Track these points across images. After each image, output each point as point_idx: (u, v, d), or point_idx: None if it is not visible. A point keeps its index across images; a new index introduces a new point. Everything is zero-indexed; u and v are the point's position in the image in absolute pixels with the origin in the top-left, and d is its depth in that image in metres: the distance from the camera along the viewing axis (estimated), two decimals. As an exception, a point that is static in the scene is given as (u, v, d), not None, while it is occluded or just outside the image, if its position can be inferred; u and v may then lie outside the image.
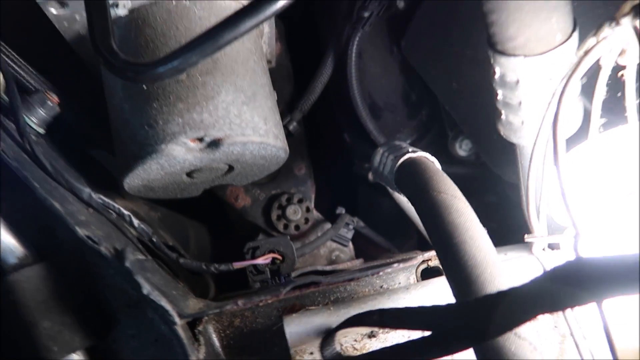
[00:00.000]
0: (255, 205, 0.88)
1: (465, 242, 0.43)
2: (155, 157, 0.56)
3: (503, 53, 0.45)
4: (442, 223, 0.45)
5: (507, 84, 0.48)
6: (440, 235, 0.45)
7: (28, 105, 0.52)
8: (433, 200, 0.48)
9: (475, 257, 0.42)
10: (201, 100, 0.57)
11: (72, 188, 0.47)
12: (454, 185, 0.50)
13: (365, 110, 0.89)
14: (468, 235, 0.43)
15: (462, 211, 0.46)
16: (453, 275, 0.42)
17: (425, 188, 0.49)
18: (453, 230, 0.44)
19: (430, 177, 0.51)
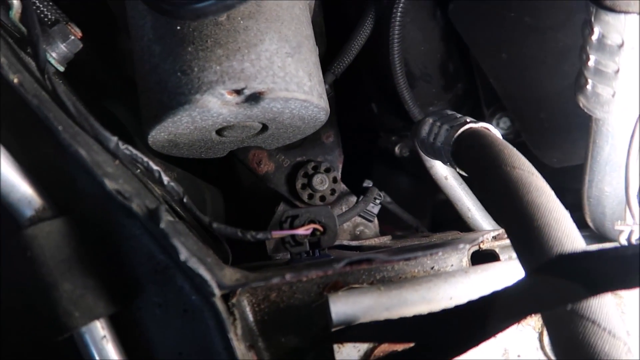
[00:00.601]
0: (278, 172, 0.82)
1: (549, 226, 0.38)
2: (188, 108, 0.50)
3: (611, 9, 0.39)
4: (520, 203, 0.40)
5: (607, 47, 0.42)
6: (518, 216, 0.39)
7: (48, 37, 0.45)
8: (507, 176, 0.42)
9: (562, 242, 0.37)
10: (242, 46, 0.50)
11: (98, 135, 0.41)
12: (527, 161, 0.44)
13: (403, 78, 0.83)
14: (552, 217, 0.38)
15: (543, 190, 0.40)
16: (532, 261, 0.37)
17: (496, 162, 0.44)
18: (534, 212, 0.39)
19: (501, 151, 0.45)
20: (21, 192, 0.38)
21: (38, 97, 0.37)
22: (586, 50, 0.44)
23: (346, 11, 0.93)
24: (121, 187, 0.40)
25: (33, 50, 0.41)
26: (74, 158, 0.38)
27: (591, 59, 0.44)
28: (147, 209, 0.39)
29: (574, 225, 0.38)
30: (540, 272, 0.35)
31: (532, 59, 0.73)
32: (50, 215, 0.39)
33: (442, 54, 0.90)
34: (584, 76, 0.46)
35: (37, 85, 0.41)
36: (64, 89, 0.41)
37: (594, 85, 0.45)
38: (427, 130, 0.60)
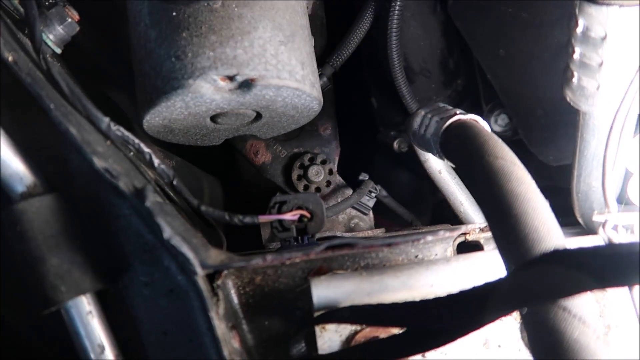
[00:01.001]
0: (275, 163, 0.83)
1: (526, 214, 0.38)
2: (181, 92, 0.51)
3: (593, 1, 0.40)
4: (499, 191, 0.40)
5: (590, 40, 0.42)
6: (497, 205, 0.40)
7: (45, 19, 0.46)
8: (489, 166, 0.43)
9: (538, 230, 0.37)
10: (236, 33, 0.51)
11: (90, 115, 0.42)
12: (511, 152, 0.45)
13: (401, 72, 0.83)
14: (530, 206, 0.39)
15: (523, 179, 0.41)
16: (510, 249, 0.38)
17: (480, 153, 0.44)
18: (513, 200, 0.39)
19: (485, 141, 0.45)
20: (13, 168, 0.39)
21: (31, 76, 0.39)
22: (572, 44, 0.44)
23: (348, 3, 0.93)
24: (110, 166, 0.41)
25: (30, 30, 0.42)
26: (65, 136, 0.39)
27: (576, 52, 0.44)
28: (134, 187, 0.40)
29: (552, 214, 0.39)
30: (528, 265, 0.36)
31: (528, 55, 0.73)
32: (41, 192, 0.40)
33: (442, 49, 0.90)
34: (570, 69, 0.46)
35: (32, 64, 0.42)
36: (58, 70, 0.42)
37: (579, 78, 0.46)
38: (419, 122, 0.61)
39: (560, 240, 0.37)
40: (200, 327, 0.43)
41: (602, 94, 0.45)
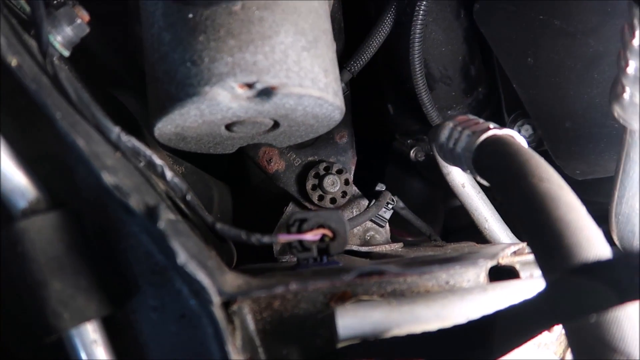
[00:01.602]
0: (289, 171, 0.79)
1: (579, 245, 0.34)
2: (197, 100, 0.47)
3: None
4: (548, 218, 0.36)
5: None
6: (546, 233, 0.36)
7: (53, 20, 0.43)
8: (534, 189, 0.39)
9: (590, 261, 0.33)
10: (256, 38, 0.48)
11: (99, 124, 0.39)
12: (556, 173, 0.41)
13: (422, 80, 0.79)
14: (583, 236, 0.35)
15: (574, 205, 0.37)
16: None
17: (522, 173, 0.41)
18: (564, 229, 0.35)
19: (527, 160, 0.42)
20: (14, 182, 0.36)
21: (37, 82, 0.35)
22: (625, 56, 0.41)
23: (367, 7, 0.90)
24: (120, 181, 0.37)
25: (36, 31, 0.39)
26: (72, 148, 0.36)
27: (630, 66, 0.41)
28: (146, 206, 0.36)
29: (607, 245, 0.35)
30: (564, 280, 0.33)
31: (560, 65, 0.69)
32: (44, 208, 0.37)
33: (464, 56, 0.86)
34: (621, 84, 0.43)
35: (38, 69, 0.38)
36: (66, 75, 0.39)
37: (632, 94, 0.42)
38: (447, 134, 0.57)
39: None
40: (214, 356, 0.39)
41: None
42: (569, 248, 0.34)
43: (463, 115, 0.57)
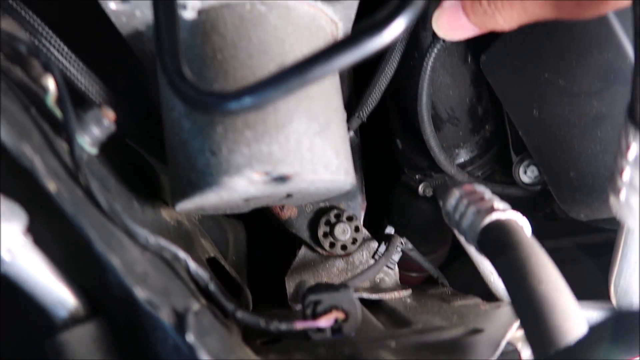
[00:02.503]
0: (301, 217, 0.82)
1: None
2: (216, 189, 0.50)
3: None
4: (544, 325, 0.39)
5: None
6: (542, 339, 0.39)
7: (81, 124, 0.46)
8: (532, 292, 0.42)
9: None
10: (271, 128, 0.50)
11: (129, 231, 0.42)
12: (555, 271, 0.44)
13: (430, 127, 0.81)
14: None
15: (569, 313, 0.40)
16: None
17: (522, 273, 0.43)
18: (558, 337, 0.38)
19: (528, 259, 0.44)
20: (55, 294, 0.39)
21: (74, 204, 0.38)
22: (621, 162, 0.43)
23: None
24: (150, 288, 0.40)
25: (70, 146, 0.42)
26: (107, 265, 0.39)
27: (626, 172, 0.43)
28: (175, 314, 0.40)
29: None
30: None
31: (564, 120, 0.71)
32: (83, 316, 0.40)
33: (470, 98, 0.88)
34: (617, 183, 0.45)
35: (72, 183, 0.41)
36: (98, 185, 0.42)
37: (627, 196, 0.44)
38: (454, 204, 0.59)
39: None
40: None
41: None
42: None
43: (469, 185, 0.60)
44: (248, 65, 0.51)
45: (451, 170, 0.89)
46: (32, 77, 0.45)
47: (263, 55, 0.51)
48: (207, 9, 0.52)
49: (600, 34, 0.61)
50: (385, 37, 0.39)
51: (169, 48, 0.43)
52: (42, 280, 0.39)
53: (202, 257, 0.66)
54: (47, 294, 0.39)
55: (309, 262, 0.83)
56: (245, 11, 0.52)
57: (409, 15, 0.39)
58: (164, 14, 0.43)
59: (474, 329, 0.53)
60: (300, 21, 0.54)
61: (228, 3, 0.51)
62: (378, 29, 0.39)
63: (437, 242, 1.29)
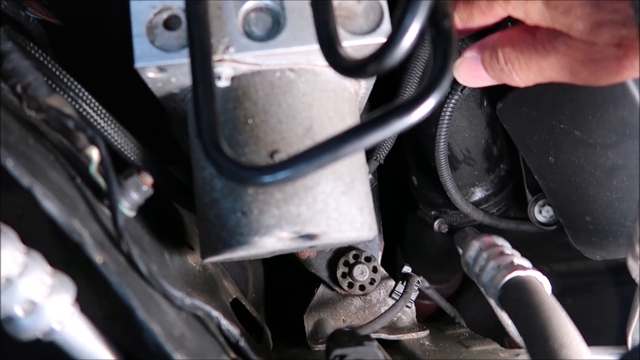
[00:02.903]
0: (319, 258, 0.84)
1: None
2: (246, 248, 0.52)
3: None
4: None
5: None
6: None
7: (122, 190, 0.48)
8: (554, 355, 0.43)
9: None
10: (300, 190, 0.52)
11: (167, 293, 0.44)
12: (576, 334, 0.45)
13: (447, 171, 0.83)
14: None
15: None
16: None
17: (545, 335, 0.45)
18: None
19: (549, 320, 0.46)
20: (98, 358, 0.42)
21: (119, 274, 0.41)
22: (637, 226, 0.45)
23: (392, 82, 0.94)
24: (186, 351, 0.42)
25: (113, 215, 0.44)
26: (148, 332, 0.41)
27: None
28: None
29: None
30: None
31: (580, 168, 0.73)
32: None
33: (486, 139, 0.90)
34: (636, 249, 0.47)
35: (115, 249, 0.44)
36: (138, 252, 0.44)
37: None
38: (473, 256, 0.61)
39: None
40: None
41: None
42: None
43: (489, 238, 0.62)
44: (278, 131, 0.53)
45: (467, 210, 0.90)
46: (77, 148, 0.47)
47: (292, 120, 0.54)
48: (239, 76, 0.55)
49: (615, 91, 0.63)
50: (413, 117, 0.41)
51: (207, 121, 0.45)
52: (87, 345, 0.41)
53: (226, 302, 0.68)
54: (91, 358, 0.41)
55: (327, 300, 0.85)
56: (275, 78, 0.54)
57: (437, 97, 0.41)
58: (203, 88, 0.46)
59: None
60: (326, 85, 0.57)
61: (259, 70, 0.54)
62: (407, 110, 0.41)
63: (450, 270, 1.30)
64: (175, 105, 0.61)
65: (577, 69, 0.49)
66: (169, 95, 0.59)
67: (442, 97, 0.42)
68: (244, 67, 0.54)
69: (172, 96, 0.59)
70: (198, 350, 0.44)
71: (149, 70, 0.53)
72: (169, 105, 0.62)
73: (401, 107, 0.42)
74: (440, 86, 0.42)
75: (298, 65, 0.55)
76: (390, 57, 0.41)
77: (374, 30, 0.54)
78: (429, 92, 0.42)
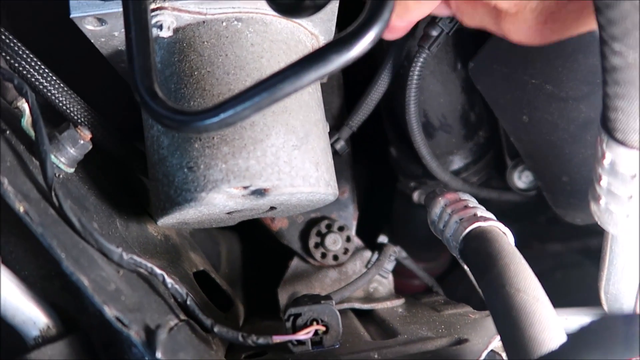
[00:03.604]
0: (292, 228, 0.82)
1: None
2: (194, 205, 0.50)
3: (623, 143, 0.37)
4: (521, 334, 0.38)
5: (619, 175, 0.40)
6: (519, 349, 0.38)
7: (57, 144, 0.46)
8: (510, 301, 0.41)
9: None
10: (248, 143, 0.50)
11: (102, 249, 0.42)
12: (535, 280, 0.43)
13: (420, 135, 0.81)
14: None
15: (546, 324, 0.39)
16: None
17: (501, 280, 0.42)
18: (535, 348, 0.37)
19: (507, 266, 0.44)
20: (26, 314, 0.40)
21: (42, 225, 0.39)
22: (598, 170, 0.42)
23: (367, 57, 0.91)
24: (122, 305, 0.40)
25: (42, 167, 0.42)
26: (76, 284, 0.39)
27: (604, 180, 0.42)
28: (145, 332, 0.39)
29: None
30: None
31: (554, 125, 0.70)
32: (55, 334, 0.40)
33: (463, 104, 0.87)
34: (597, 192, 0.44)
35: (44, 202, 0.42)
36: (70, 205, 0.42)
37: (607, 203, 0.43)
38: (438, 213, 0.59)
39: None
40: None
41: (632, 222, 0.42)
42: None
43: (453, 194, 0.59)
44: (225, 82, 0.51)
45: (445, 178, 0.88)
46: (8, 101, 0.45)
47: (240, 71, 0.51)
48: (184, 27, 0.52)
49: (583, 39, 0.60)
50: (353, 52, 0.39)
51: (140, 67, 0.43)
52: (11, 299, 0.39)
53: (188, 271, 0.66)
54: (17, 314, 0.39)
55: (301, 273, 0.83)
56: (221, 28, 0.52)
57: (377, 30, 0.39)
58: (136, 33, 0.44)
59: (458, 339, 0.52)
60: (277, 36, 0.54)
61: (204, 20, 0.52)
62: (347, 44, 0.39)
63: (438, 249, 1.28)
64: (124, 66, 0.59)
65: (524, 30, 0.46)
66: (116, 53, 0.56)
67: (383, 28, 0.39)
68: (187, 16, 0.51)
69: (119, 54, 0.57)
70: (136, 306, 0.42)
71: (87, 22, 0.50)
72: (119, 67, 0.60)
73: (340, 41, 0.39)
74: (381, 17, 0.39)
75: (245, 14, 0.53)
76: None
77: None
78: (370, 24, 0.39)
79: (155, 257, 0.61)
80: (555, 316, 0.40)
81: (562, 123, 0.69)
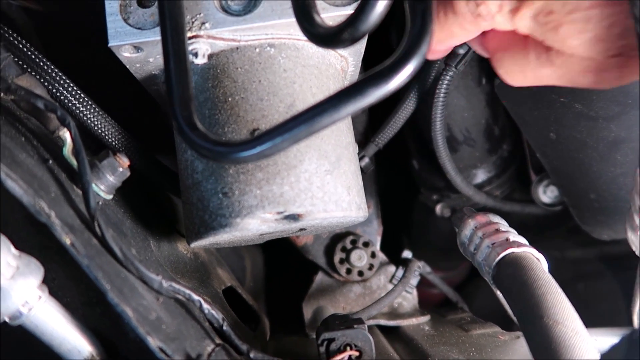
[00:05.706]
0: (317, 244, 0.82)
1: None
2: (229, 230, 0.51)
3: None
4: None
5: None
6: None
7: (97, 172, 0.47)
8: (548, 332, 0.41)
9: None
10: (282, 169, 0.51)
11: (143, 277, 0.43)
12: (572, 311, 0.43)
13: (445, 151, 0.81)
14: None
15: (587, 352, 0.39)
16: None
17: (538, 311, 0.42)
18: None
19: (544, 296, 0.44)
20: (71, 343, 0.41)
21: (88, 256, 0.39)
22: (636, 201, 0.42)
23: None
24: (164, 334, 0.41)
25: (84, 198, 0.43)
26: (120, 315, 0.40)
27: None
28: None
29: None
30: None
31: (582, 143, 0.70)
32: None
33: (487, 119, 0.87)
34: (635, 221, 0.44)
35: (87, 231, 0.43)
36: (111, 234, 0.43)
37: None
38: (468, 236, 0.59)
39: None
40: None
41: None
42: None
43: (484, 216, 0.59)
44: (259, 108, 0.51)
45: (469, 192, 0.88)
46: (50, 130, 0.46)
47: (273, 97, 0.52)
48: (218, 53, 0.53)
49: (615, 59, 0.59)
50: (391, 85, 0.39)
51: (179, 99, 0.44)
52: (58, 329, 0.40)
53: (218, 289, 0.67)
54: (63, 343, 0.40)
55: (325, 287, 0.83)
56: (254, 54, 0.53)
57: (415, 63, 0.39)
58: (175, 65, 0.44)
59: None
60: (309, 61, 0.55)
61: (238, 47, 0.52)
62: (385, 77, 0.39)
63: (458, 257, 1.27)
64: (157, 88, 0.60)
65: (577, 79, 0.44)
66: (150, 77, 0.57)
67: (422, 61, 0.40)
68: (221, 43, 0.52)
69: (153, 78, 0.58)
70: (176, 335, 0.42)
71: (124, 50, 0.51)
72: (152, 89, 0.61)
73: (378, 74, 0.40)
74: (419, 50, 0.39)
75: (278, 40, 0.53)
76: (364, 22, 0.39)
77: (353, 0, 0.52)
78: (408, 57, 0.39)
79: (186, 276, 0.62)
80: (594, 349, 0.40)
81: (591, 141, 0.68)
